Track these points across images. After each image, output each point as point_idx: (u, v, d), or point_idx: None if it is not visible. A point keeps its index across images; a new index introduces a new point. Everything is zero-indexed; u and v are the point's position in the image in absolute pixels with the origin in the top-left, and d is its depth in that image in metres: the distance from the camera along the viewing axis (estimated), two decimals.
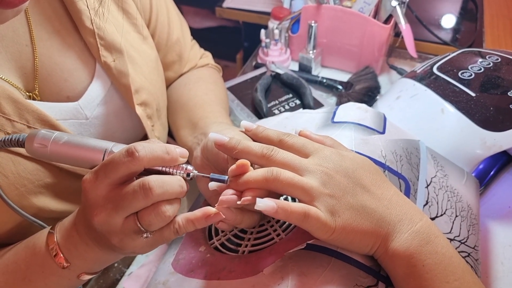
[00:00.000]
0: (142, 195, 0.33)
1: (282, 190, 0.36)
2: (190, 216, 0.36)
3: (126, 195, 0.34)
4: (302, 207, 0.34)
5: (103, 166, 0.34)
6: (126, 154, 0.33)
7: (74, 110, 0.49)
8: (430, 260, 0.35)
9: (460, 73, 0.63)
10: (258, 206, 0.34)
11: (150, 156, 0.34)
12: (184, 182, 0.36)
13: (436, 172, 0.51)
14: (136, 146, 0.34)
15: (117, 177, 0.34)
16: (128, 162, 0.33)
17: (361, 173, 0.38)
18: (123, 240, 0.35)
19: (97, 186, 0.34)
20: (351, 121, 0.51)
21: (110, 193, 0.34)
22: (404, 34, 0.83)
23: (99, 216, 0.34)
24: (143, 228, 0.35)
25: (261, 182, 0.36)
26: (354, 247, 0.36)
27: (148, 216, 0.34)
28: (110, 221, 0.34)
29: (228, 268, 0.40)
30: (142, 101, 0.55)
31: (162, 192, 0.34)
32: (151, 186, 0.33)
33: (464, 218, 0.48)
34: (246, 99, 0.80)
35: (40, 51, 0.46)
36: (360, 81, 0.82)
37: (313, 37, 0.85)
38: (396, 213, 0.37)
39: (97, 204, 0.34)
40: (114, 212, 0.34)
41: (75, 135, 0.38)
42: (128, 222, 0.35)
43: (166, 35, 0.64)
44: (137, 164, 0.34)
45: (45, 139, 0.37)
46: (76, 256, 0.38)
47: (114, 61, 0.51)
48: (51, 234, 0.39)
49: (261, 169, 0.36)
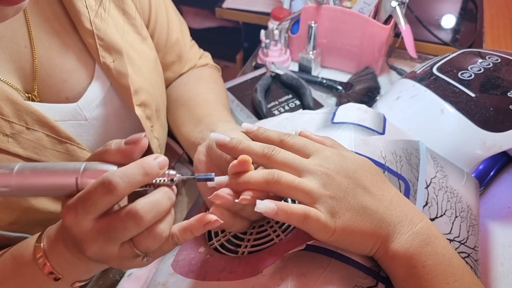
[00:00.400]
0: (133, 225, 0.32)
1: (282, 193, 0.36)
2: (187, 226, 0.35)
3: (117, 227, 0.32)
4: (302, 209, 0.34)
5: (80, 201, 0.32)
6: (103, 189, 0.31)
7: (73, 111, 0.49)
8: (430, 261, 0.35)
9: (460, 73, 0.63)
10: (258, 208, 0.34)
11: (128, 186, 0.32)
12: (171, 192, 0.35)
13: (436, 173, 0.51)
14: (112, 179, 0.31)
15: (98, 211, 0.32)
16: (107, 197, 0.31)
17: (362, 174, 0.38)
18: (122, 263, 0.35)
19: (79, 222, 0.32)
20: (351, 121, 0.51)
21: (96, 225, 0.32)
22: (404, 35, 0.83)
23: (91, 249, 0.32)
24: (142, 253, 0.34)
25: (262, 184, 0.36)
26: (354, 248, 0.36)
27: (145, 242, 0.33)
28: (105, 252, 0.33)
29: (228, 269, 0.40)
30: (141, 102, 0.55)
31: (153, 216, 0.33)
32: (141, 215, 0.32)
33: (464, 219, 0.48)
34: (246, 99, 0.79)
35: (39, 52, 0.46)
36: (360, 81, 0.82)
37: (313, 38, 0.85)
38: (397, 214, 0.37)
39: (85, 238, 0.32)
40: (106, 243, 0.32)
41: (36, 164, 0.34)
42: (125, 249, 0.33)
43: (165, 35, 0.64)
44: (117, 197, 0.31)
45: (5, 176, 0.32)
46: (68, 269, 0.37)
47: (113, 61, 0.51)
48: (38, 247, 0.36)
49: (262, 171, 0.36)
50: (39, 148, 0.44)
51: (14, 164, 0.33)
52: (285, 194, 0.36)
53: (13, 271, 0.38)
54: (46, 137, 0.44)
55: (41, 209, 0.45)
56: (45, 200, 0.46)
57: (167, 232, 0.34)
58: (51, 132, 0.45)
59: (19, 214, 0.44)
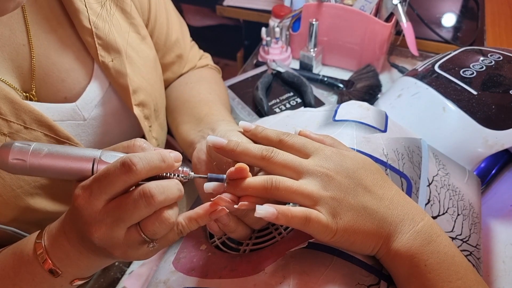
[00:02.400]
0: (144, 204, 0.32)
1: (282, 198, 0.36)
2: (193, 215, 0.36)
3: (127, 206, 0.32)
4: (303, 211, 0.34)
5: (96, 181, 0.33)
6: (122, 167, 0.32)
7: (72, 111, 0.48)
8: (432, 260, 0.35)
9: (462, 71, 0.63)
10: (258, 213, 0.33)
11: (148, 167, 0.33)
12: (181, 186, 0.36)
13: (438, 171, 0.51)
14: (132, 159, 0.32)
15: (114, 192, 0.33)
16: (125, 176, 0.32)
17: (362, 173, 0.38)
18: (127, 251, 0.35)
19: (92, 202, 0.32)
20: (353, 119, 0.51)
21: (107, 206, 0.33)
22: (405, 32, 0.83)
23: (99, 232, 0.33)
24: (148, 238, 0.34)
25: (260, 191, 0.36)
26: (356, 248, 0.36)
27: (152, 225, 0.34)
28: (112, 235, 0.33)
29: (230, 267, 0.40)
30: (139, 102, 0.54)
31: (164, 199, 0.33)
32: (153, 194, 0.32)
33: (466, 217, 0.48)
34: (247, 97, 0.79)
35: (37, 50, 0.46)
36: (361, 79, 0.81)
37: (314, 35, 0.85)
38: (398, 213, 0.36)
39: (94, 220, 0.33)
40: (115, 225, 0.33)
41: (55, 145, 0.35)
42: (131, 234, 0.34)
43: (164, 35, 0.63)
44: (135, 177, 0.32)
45: (22, 152, 0.33)
46: (68, 264, 0.37)
47: (112, 61, 0.50)
48: (39, 243, 0.37)
49: (259, 178, 0.36)
50: None
51: (33, 142, 0.34)
52: (285, 199, 0.36)
53: (13, 268, 0.38)
54: (44, 137, 0.44)
55: (38, 209, 0.45)
56: (42, 200, 0.45)
57: (174, 218, 0.35)
58: (49, 131, 0.44)
59: (17, 214, 0.44)
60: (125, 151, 0.36)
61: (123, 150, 0.36)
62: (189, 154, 0.53)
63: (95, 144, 0.52)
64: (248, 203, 0.35)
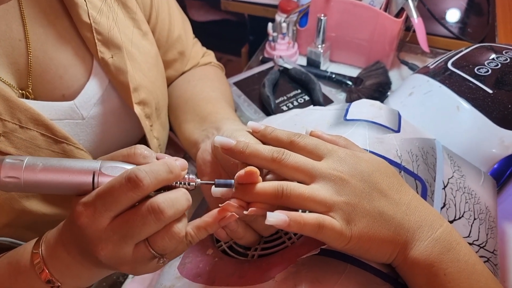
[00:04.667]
0: (153, 220, 0.31)
1: (293, 206, 0.34)
2: (201, 224, 0.34)
3: (135, 223, 0.31)
4: (316, 218, 0.32)
5: (100, 197, 0.31)
6: (128, 183, 0.30)
7: (70, 110, 0.46)
8: (452, 269, 0.33)
9: (476, 69, 0.61)
10: (269, 221, 0.32)
11: (155, 182, 0.31)
12: (189, 195, 0.34)
13: (453, 173, 0.49)
14: (139, 174, 0.30)
15: (119, 209, 0.31)
16: (132, 192, 0.30)
17: (378, 176, 0.36)
18: (135, 267, 0.33)
19: (97, 219, 0.31)
20: (365, 119, 0.49)
21: (113, 223, 0.31)
22: (416, 28, 0.81)
23: (105, 250, 0.31)
24: (158, 254, 0.33)
25: (270, 198, 0.34)
26: (371, 256, 0.35)
27: (162, 241, 0.32)
28: (119, 253, 0.31)
29: (238, 274, 0.38)
30: (140, 100, 0.52)
31: (174, 213, 0.32)
32: (162, 209, 0.31)
33: (483, 221, 0.46)
34: (253, 94, 0.77)
35: (34, 46, 0.44)
36: (370, 76, 0.79)
37: (322, 31, 0.83)
38: (415, 219, 0.35)
39: (100, 238, 0.31)
40: (123, 242, 0.31)
41: (49, 158, 0.32)
42: (140, 250, 0.32)
43: (167, 31, 0.61)
44: (142, 193, 0.31)
45: (15, 168, 0.30)
46: (68, 275, 0.35)
47: (112, 57, 0.48)
48: (36, 253, 0.35)
49: (270, 185, 0.34)
50: (33, 148, 0.42)
51: (25, 156, 0.31)
52: (297, 206, 0.34)
53: (9, 279, 0.36)
54: (40, 136, 0.42)
55: (34, 212, 0.43)
56: (38, 202, 0.44)
57: (183, 231, 0.33)
58: (46, 131, 0.42)
59: (12, 217, 0.42)
60: (125, 160, 0.34)
61: (123, 158, 0.34)
62: (193, 154, 0.52)
63: (94, 144, 0.50)
64: (258, 209, 0.34)
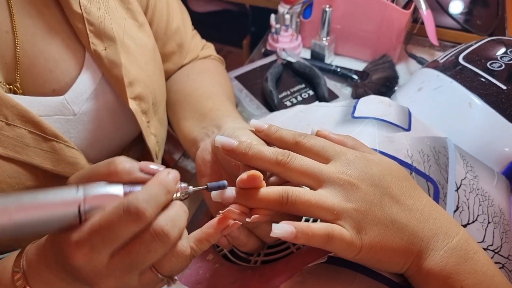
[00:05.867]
0: (159, 245, 0.29)
1: (299, 213, 0.32)
2: (202, 236, 0.32)
3: (139, 253, 0.28)
4: (325, 228, 0.30)
5: (96, 234, 0.28)
6: (129, 216, 0.27)
7: (60, 105, 0.44)
8: (470, 281, 0.31)
9: (489, 63, 0.58)
10: (274, 233, 0.30)
11: (156, 210, 0.29)
12: (185, 206, 0.32)
13: (466, 174, 0.46)
14: (139, 206, 0.27)
15: (120, 243, 0.28)
16: (134, 225, 0.28)
17: (389, 180, 0.34)
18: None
19: (96, 258, 0.28)
20: (374, 116, 0.47)
21: (115, 258, 0.29)
22: (425, 20, 0.78)
23: (107, 284, 0.29)
24: (166, 277, 0.31)
25: (275, 205, 0.32)
26: (383, 266, 0.32)
27: (169, 263, 0.30)
28: (124, 285, 0.29)
29: (240, 282, 0.36)
30: (136, 95, 0.50)
31: (178, 233, 0.29)
32: (167, 232, 0.28)
33: (497, 225, 0.44)
34: (255, 89, 0.75)
35: (22, 38, 0.41)
36: (377, 70, 0.77)
37: (327, 23, 0.80)
38: (430, 227, 0.32)
39: (100, 275, 0.28)
40: (127, 274, 0.29)
41: (20, 194, 0.28)
42: (146, 277, 0.30)
43: (165, 23, 0.58)
44: (145, 224, 0.28)
45: None
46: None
47: (105, 49, 0.46)
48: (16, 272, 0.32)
49: (274, 190, 0.32)
50: (21, 146, 0.39)
51: None
52: (302, 213, 0.32)
53: None
54: (28, 134, 0.40)
55: None
56: None
57: (189, 248, 0.31)
58: (34, 128, 0.40)
59: None
60: (106, 179, 0.30)
61: (103, 177, 0.30)
62: (192, 153, 0.49)
63: (86, 142, 0.47)
64: (261, 216, 0.32)
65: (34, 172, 0.41)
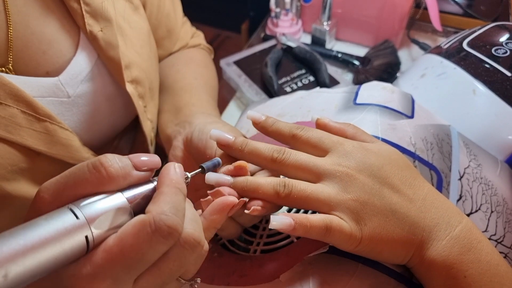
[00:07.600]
0: (191, 255, 0.26)
1: (296, 206, 0.32)
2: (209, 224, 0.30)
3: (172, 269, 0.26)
4: (323, 220, 0.29)
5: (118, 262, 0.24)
6: (159, 236, 0.24)
7: (54, 87, 0.42)
8: (473, 270, 0.30)
9: (494, 49, 0.57)
10: (273, 225, 0.29)
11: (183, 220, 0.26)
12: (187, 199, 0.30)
13: (469, 162, 0.46)
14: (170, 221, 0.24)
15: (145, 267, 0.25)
16: (166, 244, 0.25)
17: (389, 170, 0.33)
18: None
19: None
20: (376, 103, 0.46)
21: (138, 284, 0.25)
22: (428, 6, 0.77)
23: None
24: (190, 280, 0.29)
25: (271, 196, 0.31)
26: (384, 258, 0.32)
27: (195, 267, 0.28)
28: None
29: (239, 272, 0.35)
30: (133, 78, 0.48)
31: (203, 236, 0.27)
32: (198, 240, 0.26)
33: (500, 214, 0.43)
34: (254, 74, 0.73)
35: (15, 18, 0.40)
36: (378, 56, 0.75)
37: (328, 7, 0.78)
38: (432, 216, 0.32)
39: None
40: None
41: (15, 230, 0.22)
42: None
43: (156, 7, 0.57)
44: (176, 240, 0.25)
45: None
46: None
47: (101, 30, 0.44)
48: None
49: (270, 181, 0.31)
50: (13, 126, 0.38)
51: None
52: (299, 206, 0.32)
53: None
54: (21, 114, 0.38)
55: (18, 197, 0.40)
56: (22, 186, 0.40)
57: (207, 244, 0.28)
58: (27, 108, 0.39)
59: None
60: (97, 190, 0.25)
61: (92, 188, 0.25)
62: (167, 149, 0.49)
63: (81, 125, 0.46)
64: (262, 209, 0.31)
65: (27, 153, 0.40)
